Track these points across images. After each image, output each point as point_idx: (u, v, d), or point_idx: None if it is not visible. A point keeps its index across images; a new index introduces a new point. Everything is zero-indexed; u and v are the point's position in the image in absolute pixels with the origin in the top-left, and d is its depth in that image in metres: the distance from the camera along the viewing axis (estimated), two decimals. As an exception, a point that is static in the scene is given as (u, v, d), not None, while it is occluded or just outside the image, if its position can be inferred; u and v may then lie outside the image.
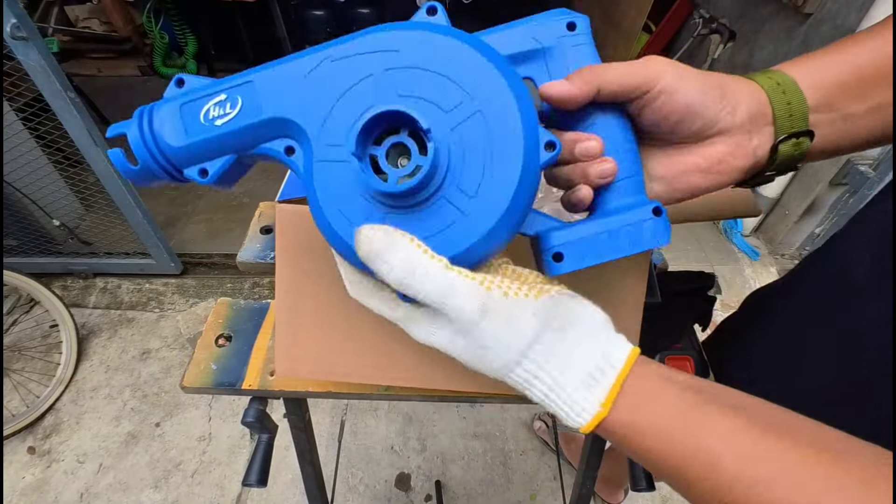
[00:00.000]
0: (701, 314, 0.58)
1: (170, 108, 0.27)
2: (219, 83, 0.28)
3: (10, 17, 1.09)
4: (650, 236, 0.28)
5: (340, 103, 0.26)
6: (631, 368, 0.25)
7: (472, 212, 0.25)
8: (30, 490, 1.29)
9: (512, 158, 0.25)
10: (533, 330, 0.24)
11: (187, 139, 0.27)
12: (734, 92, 0.29)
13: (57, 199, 1.70)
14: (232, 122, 0.27)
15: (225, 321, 0.63)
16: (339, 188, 0.26)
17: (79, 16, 2.79)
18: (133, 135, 0.28)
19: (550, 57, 0.29)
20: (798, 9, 1.82)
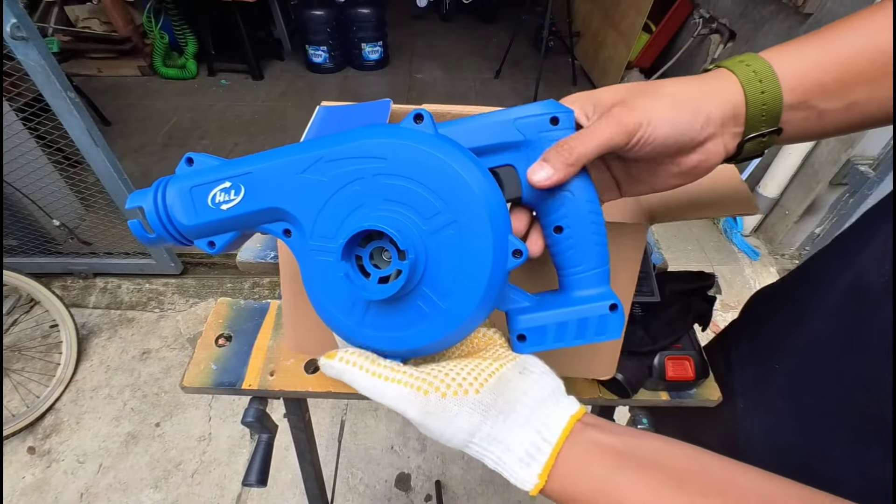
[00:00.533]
0: (701, 314, 0.58)
1: (180, 189, 0.31)
2: (224, 169, 0.31)
3: (10, 17, 1.09)
4: (605, 330, 0.32)
5: (332, 201, 0.29)
6: (565, 440, 0.28)
7: (444, 309, 0.29)
8: (30, 490, 1.29)
9: (481, 265, 0.28)
10: (471, 424, 0.29)
11: (196, 219, 0.31)
12: (705, 108, 0.30)
13: (57, 199, 1.70)
14: (236, 208, 0.30)
15: (225, 321, 0.63)
16: (327, 276, 0.30)
17: (79, 16, 2.79)
18: (149, 209, 0.31)
19: (532, 149, 0.31)
20: (798, 9, 1.81)
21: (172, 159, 2.40)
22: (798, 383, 0.45)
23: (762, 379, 0.51)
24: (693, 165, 0.32)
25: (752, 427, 0.51)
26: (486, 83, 3.28)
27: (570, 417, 0.29)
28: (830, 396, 0.41)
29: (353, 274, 0.28)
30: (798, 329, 0.48)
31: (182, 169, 0.31)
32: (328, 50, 3.15)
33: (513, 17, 3.83)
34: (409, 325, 0.29)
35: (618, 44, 2.88)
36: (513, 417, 0.29)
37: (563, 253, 0.32)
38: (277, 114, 2.82)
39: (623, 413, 0.64)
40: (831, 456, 0.38)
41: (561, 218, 0.32)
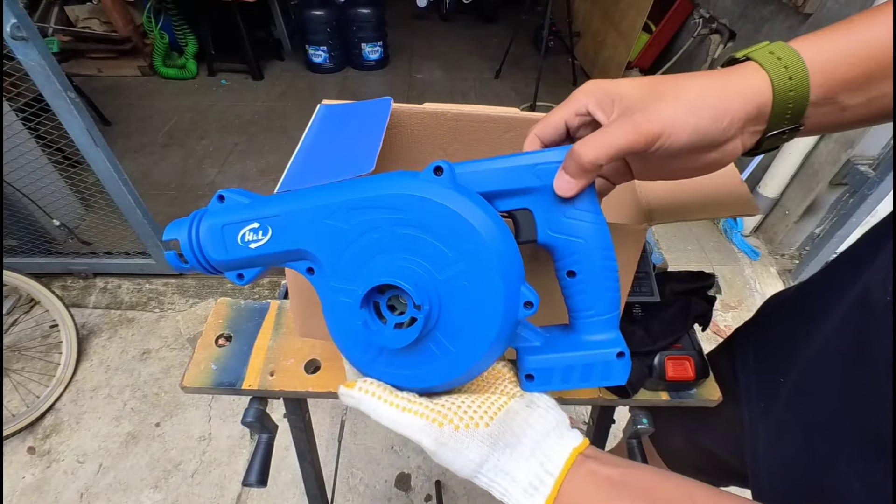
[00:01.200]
0: (701, 314, 0.58)
1: (212, 226, 0.33)
2: (253, 209, 0.33)
3: (10, 17, 1.09)
4: (610, 376, 0.33)
5: (353, 247, 0.31)
6: (567, 473, 0.29)
7: (454, 353, 0.31)
8: (30, 490, 1.29)
9: (492, 315, 0.30)
10: (480, 455, 0.30)
11: (226, 255, 0.33)
12: (727, 111, 0.29)
13: (57, 199, 1.70)
14: (263, 248, 0.32)
15: (225, 321, 0.63)
16: (348, 315, 0.32)
17: (79, 16, 2.79)
18: (183, 242, 0.33)
19: (550, 194, 0.32)
20: (798, 9, 1.81)
21: (172, 159, 2.40)
22: (803, 397, 0.45)
23: (768, 391, 0.51)
24: (710, 162, 0.32)
25: (758, 439, 0.51)
26: (486, 83, 3.28)
27: (573, 450, 0.30)
28: (836, 411, 0.40)
29: (371, 321, 0.30)
30: (804, 343, 0.47)
31: (214, 206, 0.33)
32: (328, 50, 3.15)
33: (513, 17, 3.83)
34: (420, 366, 0.31)
35: (618, 44, 2.88)
36: (519, 450, 0.30)
37: (575, 296, 0.33)
38: (277, 114, 2.82)
39: (623, 413, 0.64)
40: (838, 471, 0.38)
41: (574, 263, 0.33)
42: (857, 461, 0.36)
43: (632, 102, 0.30)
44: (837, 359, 0.41)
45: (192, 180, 2.28)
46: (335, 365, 0.59)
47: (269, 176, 2.31)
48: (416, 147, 0.64)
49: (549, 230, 0.33)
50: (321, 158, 0.49)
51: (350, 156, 0.48)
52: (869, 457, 0.35)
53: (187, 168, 2.36)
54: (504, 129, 0.62)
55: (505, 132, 0.62)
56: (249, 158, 2.44)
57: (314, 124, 0.55)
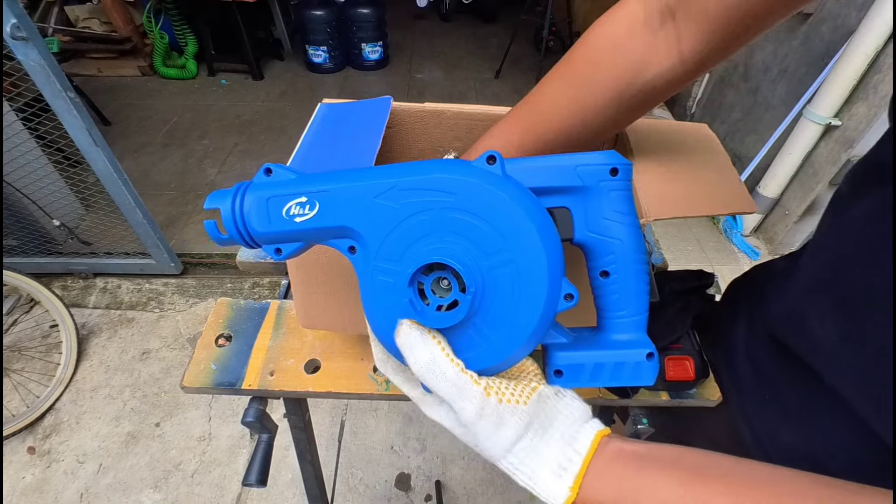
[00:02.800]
0: (700, 313, 0.58)
1: (258, 198, 0.32)
2: (302, 184, 0.32)
3: (10, 17, 1.09)
4: (640, 376, 0.33)
5: (400, 227, 0.31)
6: (593, 454, 0.30)
7: (494, 341, 0.31)
8: (30, 490, 1.29)
9: (534, 305, 0.30)
10: (516, 433, 0.30)
11: (270, 228, 0.32)
12: None
13: (57, 199, 1.70)
14: (309, 222, 0.32)
15: (225, 321, 0.63)
16: (388, 295, 0.31)
17: (79, 16, 2.79)
18: (225, 212, 0.32)
19: (590, 195, 0.33)
20: (798, 9, 1.81)
21: (172, 159, 2.40)
22: (799, 387, 0.45)
23: (761, 381, 0.51)
24: None
25: (761, 429, 0.51)
26: (486, 83, 3.28)
27: (598, 433, 0.31)
28: (834, 402, 0.40)
29: (416, 300, 0.30)
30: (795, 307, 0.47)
31: (260, 178, 0.33)
32: (328, 50, 3.15)
33: (513, 17, 3.83)
34: (457, 353, 0.31)
35: (618, 44, 2.87)
36: (550, 432, 0.31)
37: (608, 297, 0.33)
38: (277, 114, 2.82)
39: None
40: (840, 461, 0.38)
41: (609, 263, 0.33)
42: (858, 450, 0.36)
43: None
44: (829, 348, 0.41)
45: (192, 180, 2.28)
46: (335, 365, 0.59)
47: (269, 176, 2.31)
48: (416, 146, 0.64)
49: (587, 230, 0.33)
50: (321, 156, 0.50)
51: (349, 154, 0.48)
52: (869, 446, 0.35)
53: (187, 168, 2.36)
54: (504, 129, 0.62)
55: (505, 132, 0.62)
56: (249, 158, 2.44)
57: (314, 123, 0.55)
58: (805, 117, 1.74)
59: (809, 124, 1.72)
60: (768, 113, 2.04)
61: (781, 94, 1.97)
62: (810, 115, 1.71)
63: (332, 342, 0.61)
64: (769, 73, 2.03)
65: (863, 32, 1.50)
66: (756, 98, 2.12)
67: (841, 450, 0.40)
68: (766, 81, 2.06)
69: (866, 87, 1.58)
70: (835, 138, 1.71)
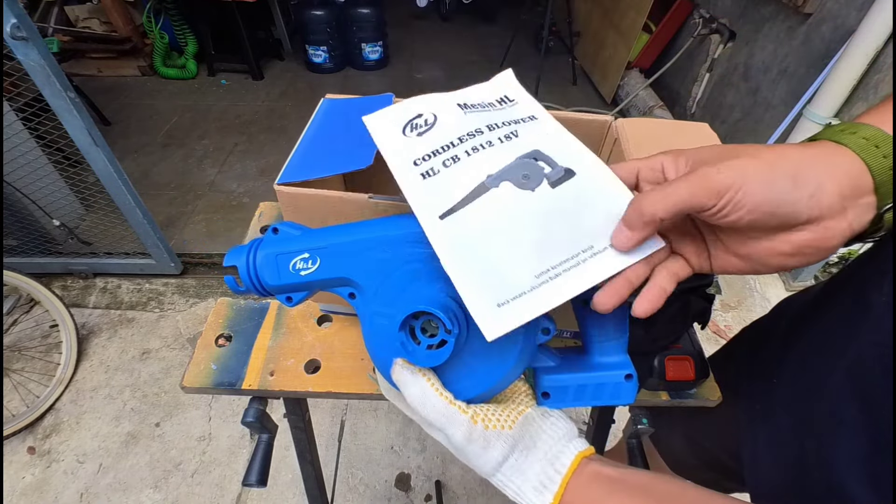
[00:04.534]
0: (700, 312, 0.58)
1: (267, 255, 0.37)
2: (304, 241, 0.36)
3: (10, 17, 1.09)
4: (619, 396, 0.36)
5: (392, 276, 0.35)
6: (573, 472, 0.32)
7: (480, 373, 0.34)
8: (30, 490, 1.29)
9: (512, 342, 0.33)
10: (502, 454, 0.33)
11: (279, 280, 0.37)
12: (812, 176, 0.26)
13: (57, 199, 1.70)
14: (312, 275, 0.36)
15: (225, 321, 0.63)
16: (385, 335, 0.35)
17: (79, 16, 2.79)
18: (241, 268, 0.37)
19: None
20: (798, 9, 1.81)
21: (172, 159, 2.40)
22: (799, 399, 0.45)
23: (765, 392, 0.51)
24: (804, 244, 0.27)
25: (758, 440, 0.50)
26: (486, 83, 3.28)
27: (579, 454, 0.33)
28: (832, 412, 0.40)
29: (407, 342, 0.33)
30: (804, 343, 0.47)
31: (269, 237, 0.38)
32: (328, 50, 3.15)
33: (513, 17, 3.83)
34: (449, 384, 0.34)
35: (618, 44, 2.88)
36: (534, 452, 0.33)
37: (589, 323, 0.37)
38: (277, 114, 2.82)
39: (623, 413, 0.64)
40: (844, 472, 0.38)
41: (590, 292, 0.34)
42: (863, 463, 0.36)
43: (704, 159, 0.29)
44: (831, 360, 0.41)
45: (192, 180, 2.28)
46: (335, 365, 0.59)
47: (269, 176, 2.31)
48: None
49: None
50: (322, 151, 0.50)
51: (350, 150, 0.48)
52: (871, 458, 0.35)
53: (187, 168, 2.36)
54: (504, 129, 0.62)
55: (505, 132, 0.62)
56: (249, 158, 2.44)
57: (316, 117, 0.55)
58: (805, 117, 1.74)
59: (809, 124, 1.72)
60: (768, 113, 2.04)
61: (781, 94, 1.97)
62: (810, 115, 1.71)
63: (332, 342, 0.61)
64: (769, 73, 2.03)
65: (863, 32, 1.50)
66: (756, 98, 2.12)
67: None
68: (766, 81, 2.06)
69: (866, 87, 1.58)
70: (835, 138, 1.71)
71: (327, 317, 0.64)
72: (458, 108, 0.40)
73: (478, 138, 0.38)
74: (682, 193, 0.27)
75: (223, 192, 2.23)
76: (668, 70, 2.59)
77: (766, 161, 0.26)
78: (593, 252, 0.32)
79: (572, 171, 0.35)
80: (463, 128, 0.39)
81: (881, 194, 0.26)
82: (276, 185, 0.47)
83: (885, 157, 0.26)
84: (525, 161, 0.36)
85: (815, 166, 0.26)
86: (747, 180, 0.26)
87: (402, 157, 0.37)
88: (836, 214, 0.26)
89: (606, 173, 0.35)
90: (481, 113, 0.40)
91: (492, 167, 0.35)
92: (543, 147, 0.37)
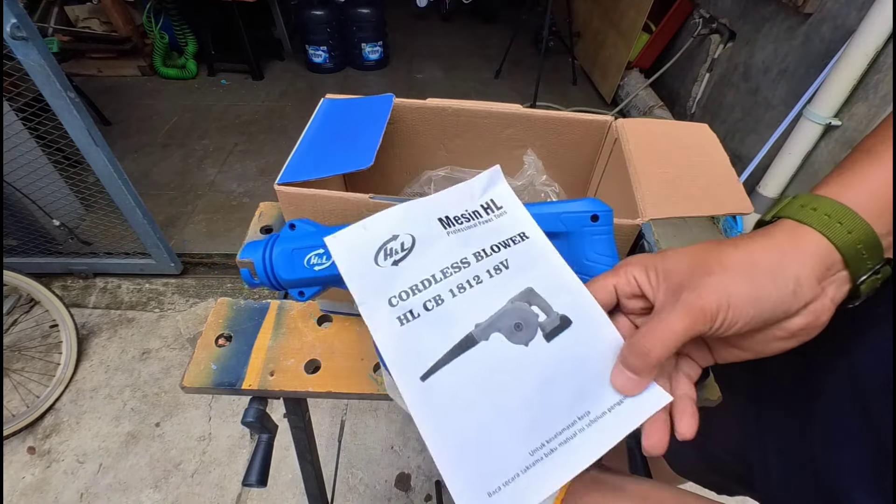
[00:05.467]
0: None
1: (283, 250, 0.38)
2: (319, 236, 0.37)
3: (10, 17, 1.09)
4: None
5: None
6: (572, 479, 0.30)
7: None
8: (30, 490, 1.29)
9: None
10: None
11: (294, 275, 0.38)
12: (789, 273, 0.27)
13: (57, 199, 1.70)
14: (326, 270, 0.37)
15: (225, 321, 0.63)
16: None
17: (79, 16, 2.79)
18: (257, 261, 0.38)
19: (573, 239, 0.37)
20: (798, 9, 1.81)
21: (172, 159, 2.40)
22: (800, 400, 0.45)
23: (775, 399, 0.51)
24: (798, 329, 0.28)
25: (766, 448, 0.50)
26: (486, 83, 3.28)
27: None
28: (832, 414, 0.40)
29: None
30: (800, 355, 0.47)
31: (286, 232, 0.39)
32: (328, 50, 3.15)
33: (513, 17, 3.83)
34: None
35: (618, 44, 2.88)
36: None
37: None
38: (277, 114, 2.82)
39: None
40: (846, 484, 0.38)
41: None
42: (865, 473, 0.36)
43: (679, 279, 0.29)
44: (837, 359, 0.41)
45: (192, 180, 2.28)
46: (335, 365, 0.59)
47: (269, 176, 2.31)
48: (418, 142, 0.64)
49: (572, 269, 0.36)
50: (322, 151, 0.50)
51: (350, 150, 0.48)
52: (876, 469, 0.35)
53: (187, 168, 2.36)
54: (505, 126, 0.62)
55: (505, 128, 0.62)
56: (249, 158, 2.44)
57: (317, 117, 0.55)
58: (805, 117, 1.74)
59: (809, 124, 1.72)
60: (768, 113, 2.04)
61: (781, 94, 1.97)
62: (810, 115, 1.71)
63: (332, 342, 0.61)
64: (769, 73, 2.03)
65: (863, 32, 1.50)
66: (756, 98, 2.12)
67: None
68: (766, 81, 2.06)
69: (866, 87, 1.58)
70: (835, 138, 1.71)
71: (327, 317, 0.64)
72: (439, 226, 0.36)
73: (464, 272, 0.33)
74: (679, 329, 0.27)
75: (223, 192, 2.23)
76: (668, 70, 2.59)
77: (742, 273, 0.27)
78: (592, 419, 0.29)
79: (569, 319, 0.32)
80: (446, 257, 0.34)
81: (852, 269, 0.27)
82: (276, 185, 0.47)
83: (850, 232, 0.27)
84: (517, 306, 0.32)
85: (787, 262, 0.27)
86: (733, 300, 0.27)
87: (376, 293, 0.33)
88: (818, 296, 0.28)
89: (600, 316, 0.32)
90: (466, 232, 0.36)
91: (480, 313, 0.32)
92: (537, 284, 0.33)
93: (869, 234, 0.27)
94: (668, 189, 0.47)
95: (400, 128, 0.62)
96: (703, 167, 0.50)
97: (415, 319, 0.31)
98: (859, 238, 0.27)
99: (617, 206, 0.43)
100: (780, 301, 0.27)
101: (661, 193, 0.46)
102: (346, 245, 0.35)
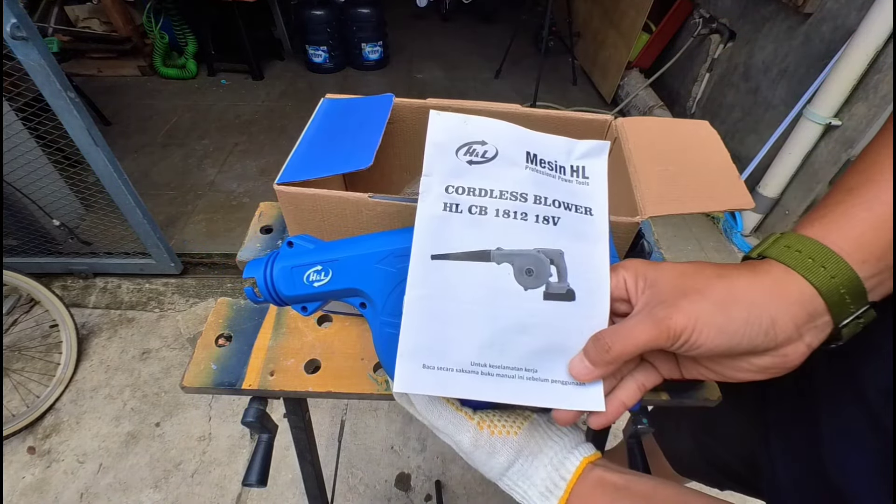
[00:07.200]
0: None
1: (283, 268, 0.39)
2: (317, 254, 0.38)
3: (10, 17, 1.09)
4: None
5: (399, 287, 0.35)
6: (577, 478, 0.32)
7: None
8: (30, 490, 1.29)
9: None
10: (508, 460, 0.34)
11: (295, 291, 0.38)
12: (765, 314, 0.27)
13: (57, 199, 1.70)
14: (325, 286, 0.38)
15: (225, 321, 0.63)
16: (394, 344, 0.35)
17: (79, 16, 2.79)
18: (259, 280, 0.39)
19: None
20: (798, 9, 1.81)
21: (172, 159, 2.40)
22: (807, 409, 0.45)
23: (782, 403, 0.50)
24: (766, 366, 0.29)
25: (775, 452, 0.50)
26: (486, 83, 3.28)
27: (584, 459, 0.34)
28: (841, 425, 0.39)
29: None
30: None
31: (285, 250, 0.40)
32: (328, 50, 3.15)
33: (513, 17, 3.83)
34: None
35: (618, 44, 2.88)
36: (539, 458, 0.34)
37: None
38: (277, 114, 2.82)
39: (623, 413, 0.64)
40: (853, 486, 0.37)
41: None
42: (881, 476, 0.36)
43: (660, 293, 0.30)
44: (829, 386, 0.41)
45: (192, 180, 2.28)
46: (335, 365, 0.59)
47: (269, 175, 2.31)
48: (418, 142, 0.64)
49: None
50: (322, 151, 0.50)
51: (350, 150, 0.48)
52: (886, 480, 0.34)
53: (187, 168, 2.36)
54: (504, 128, 0.62)
55: (505, 131, 0.62)
56: (249, 158, 2.44)
57: (316, 117, 0.55)
58: (805, 117, 1.74)
59: (809, 124, 1.72)
60: (768, 113, 2.04)
61: (781, 94, 1.97)
62: (810, 115, 1.71)
63: (332, 342, 0.61)
64: (769, 73, 2.03)
65: (863, 32, 1.50)
66: (756, 98, 2.12)
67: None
68: (766, 81, 2.06)
69: (866, 87, 1.58)
70: (835, 138, 1.71)
71: (327, 317, 0.64)
72: (524, 157, 0.37)
73: (517, 203, 0.35)
74: (642, 337, 0.29)
75: (223, 191, 2.23)
76: (668, 70, 2.59)
77: (716, 303, 0.28)
78: (534, 377, 0.32)
79: (573, 295, 0.33)
80: (512, 183, 0.36)
81: (835, 314, 0.28)
82: (275, 184, 0.47)
83: (833, 277, 0.27)
84: (540, 257, 0.34)
85: (766, 303, 0.27)
86: (699, 325, 0.28)
87: (441, 173, 0.35)
88: (793, 341, 0.28)
89: (601, 315, 0.33)
90: (542, 176, 0.37)
91: (507, 242, 0.34)
92: (570, 254, 0.34)
93: (853, 280, 0.27)
94: (668, 186, 0.47)
95: (400, 128, 0.62)
96: (703, 164, 0.50)
97: (456, 213, 0.34)
98: (842, 283, 0.27)
99: (616, 204, 0.43)
100: (748, 337, 0.27)
101: (661, 191, 0.46)
102: (445, 125, 0.37)
